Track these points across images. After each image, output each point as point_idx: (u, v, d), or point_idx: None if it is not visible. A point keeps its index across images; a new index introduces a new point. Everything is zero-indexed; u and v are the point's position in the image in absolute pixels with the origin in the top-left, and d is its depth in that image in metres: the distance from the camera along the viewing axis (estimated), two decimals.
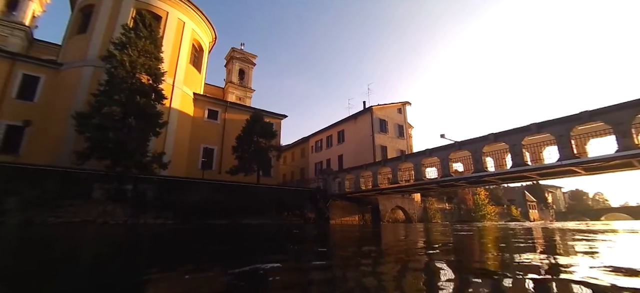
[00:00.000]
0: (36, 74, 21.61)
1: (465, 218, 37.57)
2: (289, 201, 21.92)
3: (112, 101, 17.38)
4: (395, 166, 18.75)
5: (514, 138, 13.64)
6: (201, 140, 26.17)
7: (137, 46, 18.54)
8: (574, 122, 12.09)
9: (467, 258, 5.50)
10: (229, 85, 40.68)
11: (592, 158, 11.76)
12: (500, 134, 14.15)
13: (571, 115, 12.17)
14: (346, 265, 4.46)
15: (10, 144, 19.74)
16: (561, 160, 12.21)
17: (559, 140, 12.41)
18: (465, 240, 8.88)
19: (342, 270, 3.96)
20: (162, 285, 3.12)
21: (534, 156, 14.25)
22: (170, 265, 4.36)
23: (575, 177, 14.40)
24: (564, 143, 12.20)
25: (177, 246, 7.56)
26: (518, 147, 13.49)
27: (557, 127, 12.47)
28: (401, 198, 27.47)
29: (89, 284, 3.05)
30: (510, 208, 50.15)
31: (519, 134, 13.51)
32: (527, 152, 14.58)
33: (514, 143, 13.64)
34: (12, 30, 29.66)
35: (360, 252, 6.20)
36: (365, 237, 10.32)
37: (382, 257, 5.46)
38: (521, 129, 13.48)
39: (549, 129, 12.71)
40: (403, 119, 29.98)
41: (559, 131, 12.39)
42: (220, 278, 3.37)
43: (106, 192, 16.13)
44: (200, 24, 28.10)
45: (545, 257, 4.86)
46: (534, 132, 13.11)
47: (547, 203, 62.27)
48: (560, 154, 12.34)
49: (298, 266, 4.46)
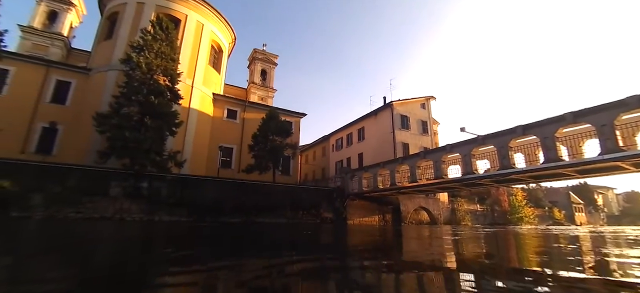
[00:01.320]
0: (68, 79, 23.04)
1: (500, 221, 34.75)
2: (304, 200, 21.41)
3: (130, 102, 17.97)
4: (413, 164, 17.51)
5: (546, 130, 12.01)
6: (220, 139, 26.46)
7: (153, 48, 19.03)
8: (618, 109, 10.33)
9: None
10: (251, 85, 41.14)
11: None
12: (530, 125, 12.54)
13: (615, 102, 10.41)
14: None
15: (45, 145, 21.18)
16: (603, 154, 10.49)
17: (600, 131, 10.68)
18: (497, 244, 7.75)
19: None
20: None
21: (572, 150, 12.47)
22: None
23: (624, 174, 12.41)
24: (607, 134, 10.47)
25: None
26: (550, 140, 11.84)
27: (597, 115, 10.74)
28: (425, 199, 25.90)
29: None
30: (553, 210, 45.81)
31: (552, 125, 11.86)
32: (562, 145, 12.83)
33: (545, 135, 12.01)
34: (52, 40, 32.04)
35: (370, 265, 4.89)
36: (380, 243, 9.13)
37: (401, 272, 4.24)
38: (554, 120, 11.82)
39: (588, 118, 11.00)
40: (427, 115, 28.30)
41: (601, 120, 10.65)
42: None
43: (123, 190, 16.61)
44: (219, 25, 28.51)
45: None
46: (569, 123, 11.43)
47: (596, 205, 56.26)
48: (601, 147, 10.61)
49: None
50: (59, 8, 33.39)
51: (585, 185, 57.10)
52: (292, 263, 4.76)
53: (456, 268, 4.50)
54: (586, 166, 11.49)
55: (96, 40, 25.64)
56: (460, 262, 5.06)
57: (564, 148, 12.90)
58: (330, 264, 4.91)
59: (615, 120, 10.42)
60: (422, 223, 26.29)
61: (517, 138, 13.01)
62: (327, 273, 3.98)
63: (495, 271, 4.20)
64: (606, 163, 10.90)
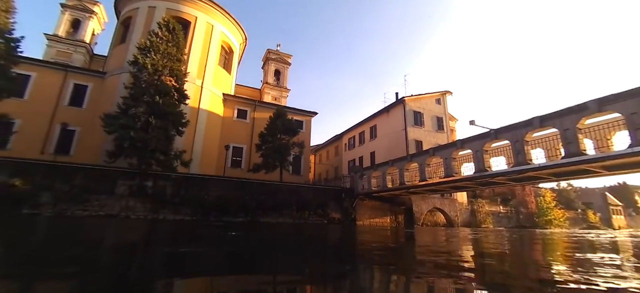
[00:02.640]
0: (85, 83, 23.93)
1: (526, 223, 32.41)
2: (311, 200, 20.84)
3: (137, 102, 18.26)
4: (423, 161, 16.47)
5: (567, 121, 10.71)
6: (230, 139, 26.52)
7: (159, 50, 19.27)
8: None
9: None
10: (265, 86, 41.24)
11: None
12: (548, 116, 11.26)
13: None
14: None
15: (63, 145, 22.07)
16: (633, 145, 9.15)
17: (629, 120, 9.33)
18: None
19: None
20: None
21: (599, 144, 11.08)
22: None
23: None
24: (638, 123, 9.12)
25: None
26: (572, 132, 10.55)
27: (626, 103, 9.39)
28: (440, 199, 24.55)
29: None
30: (587, 213, 42.26)
31: (573, 115, 10.55)
32: (587, 138, 11.45)
33: (566, 127, 10.72)
34: (75, 47, 33.60)
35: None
36: (381, 250, 8.16)
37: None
38: (576, 109, 10.51)
39: (615, 106, 9.65)
40: (443, 110, 26.84)
41: (630, 108, 9.31)
42: None
43: (128, 188, 16.82)
44: (229, 26, 28.65)
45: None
46: (593, 112, 10.11)
47: (637, 207, 51.42)
48: (631, 139, 9.26)
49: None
50: (82, 16, 34.99)
51: (624, 185, 52.35)
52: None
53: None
54: (614, 161, 10.11)
55: (112, 44, 26.52)
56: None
57: (589, 141, 11.52)
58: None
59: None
60: (438, 225, 24.94)
61: (533, 131, 11.77)
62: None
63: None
64: (638, 157, 9.51)
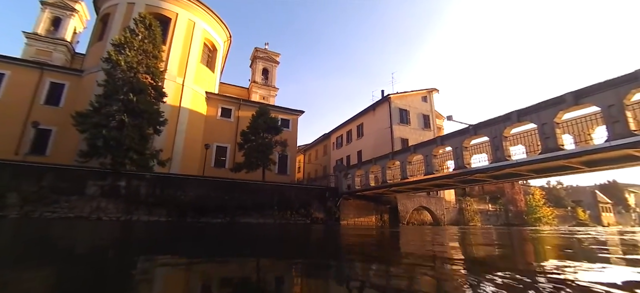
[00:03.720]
0: (62, 81, 23.24)
1: (515, 221, 32.21)
2: (294, 199, 20.36)
3: (110, 100, 17.64)
4: (404, 159, 16.07)
5: (544, 115, 10.34)
6: (214, 138, 25.96)
7: (134, 46, 18.66)
8: (629, 86, 8.60)
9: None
10: (252, 85, 40.68)
11: None
12: (526, 110, 10.89)
13: (624, 76, 8.69)
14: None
15: (39, 146, 21.38)
16: (610, 140, 8.79)
17: (606, 113, 8.98)
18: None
19: None
20: None
21: (579, 138, 10.74)
22: None
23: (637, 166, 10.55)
24: (616, 116, 8.77)
25: None
26: (549, 126, 10.19)
27: (603, 94, 9.04)
28: (426, 197, 24.18)
29: None
30: (576, 210, 42.29)
31: (550, 109, 10.19)
32: (568, 134, 11.13)
33: (543, 121, 10.35)
34: (55, 46, 32.74)
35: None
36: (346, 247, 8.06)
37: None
38: (552, 102, 10.15)
39: (593, 99, 9.29)
40: (429, 108, 26.49)
41: (607, 100, 8.96)
42: None
43: (100, 189, 16.19)
44: (212, 24, 28.06)
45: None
46: (570, 105, 9.74)
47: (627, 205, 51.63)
48: (608, 133, 8.91)
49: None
50: (63, 14, 34.13)
51: (614, 183, 52.53)
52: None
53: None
54: (592, 156, 9.75)
55: (90, 42, 25.82)
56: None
57: (569, 137, 11.20)
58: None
59: (625, 98, 8.70)
60: (425, 223, 24.58)
61: (512, 126, 11.39)
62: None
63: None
64: (616, 152, 9.16)
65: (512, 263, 5.17)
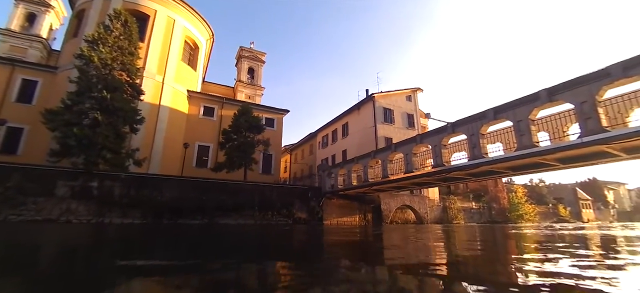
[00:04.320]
0: (34, 78, 22.35)
1: (498, 219, 32.63)
2: (275, 199, 20.01)
3: (82, 98, 16.96)
4: (385, 158, 15.93)
5: (519, 112, 10.32)
6: (196, 137, 25.37)
7: (108, 42, 18.00)
8: (601, 82, 8.61)
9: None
10: (238, 84, 40.10)
11: (630, 131, 8.21)
12: (502, 107, 10.85)
13: (596, 72, 8.70)
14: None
15: (10, 145, 20.49)
16: (582, 136, 8.79)
17: (579, 110, 8.99)
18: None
19: None
20: None
21: (554, 136, 10.77)
22: None
23: (615, 161, 10.63)
24: (588, 112, 8.77)
25: None
26: (524, 123, 10.16)
27: (576, 91, 9.04)
28: (409, 196, 24.17)
29: None
30: (557, 207, 43.20)
31: (525, 106, 10.16)
32: (544, 131, 11.15)
33: (519, 119, 10.32)
34: (30, 42, 31.51)
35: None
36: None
37: None
38: (527, 99, 10.12)
39: (565, 95, 9.29)
40: (413, 107, 26.51)
41: (579, 97, 8.96)
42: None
43: (70, 190, 15.52)
44: (193, 21, 27.45)
45: None
46: (544, 102, 9.72)
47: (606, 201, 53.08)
48: (581, 129, 8.91)
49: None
50: (37, 10, 32.91)
51: (594, 180, 54.06)
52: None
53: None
54: (566, 153, 9.77)
55: (65, 38, 24.89)
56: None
57: (545, 134, 11.23)
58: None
59: (598, 95, 8.71)
60: (408, 222, 24.57)
61: (489, 124, 11.34)
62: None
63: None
64: (589, 148, 9.18)
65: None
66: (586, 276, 3.22)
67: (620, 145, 9.09)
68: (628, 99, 9.17)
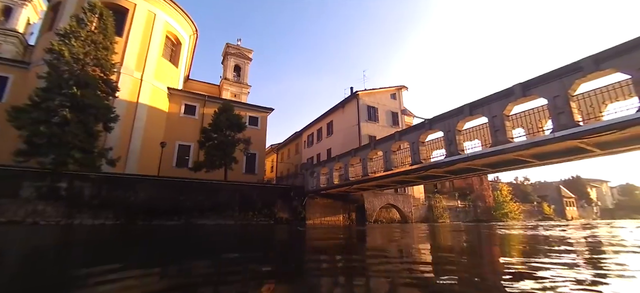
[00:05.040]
0: (4, 74, 21.49)
1: (483, 217, 32.75)
2: (256, 199, 19.56)
3: (51, 94, 16.23)
4: (365, 155, 15.67)
5: (495, 108, 10.14)
6: (177, 137, 24.73)
7: (80, 36, 17.31)
8: (573, 76, 8.47)
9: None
10: (224, 81, 39.39)
11: (601, 125, 8.08)
12: (478, 103, 10.67)
13: (568, 66, 8.56)
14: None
15: None
16: (554, 131, 8.64)
17: (552, 104, 8.83)
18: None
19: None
20: None
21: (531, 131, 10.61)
22: None
23: (590, 157, 10.54)
24: (561, 107, 8.62)
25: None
26: (499, 119, 9.99)
27: (548, 85, 8.89)
28: (393, 195, 23.99)
29: None
30: (542, 205, 43.71)
31: (500, 101, 10.00)
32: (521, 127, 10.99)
33: (494, 114, 10.15)
34: (5, 37, 30.32)
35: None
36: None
37: None
38: (503, 94, 9.96)
39: (537, 90, 9.14)
40: (398, 106, 26.34)
41: (552, 91, 8.81)
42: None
43: (36, 191, 14.81)
44: (175, 16, 26.77)
45: None
46: (518, 97, 9.56)
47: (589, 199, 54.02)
48: (554, 124, 8.75)
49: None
50: (13, 3, 31.75)
51: (577, 178, 55.04)
52: None
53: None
54: (541, 149, 9.62)
55: (40, 32, 24.03)
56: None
57: (521, 130, 11.08)
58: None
59: (570, 89, 8.56)
60: (394, 221, 24.40)
61: (465, 120, 11.15)
62: None
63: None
64: (562, 144, 9.04)
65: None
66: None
67: (593, 140, 8.98)
68: (600, 93, 9.04)
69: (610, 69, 7.98)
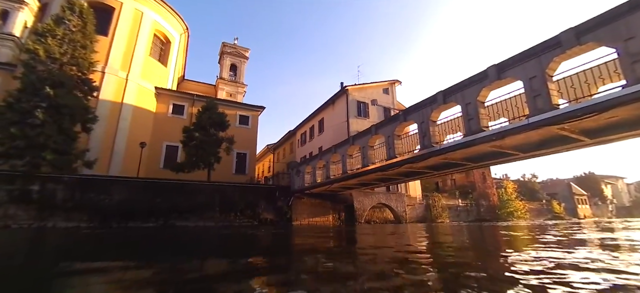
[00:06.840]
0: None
1: (487, 217, 31.19)
2: (239, 200, 18.92)
3: (26, 95, 15.99)
4: (344, 152, 14.78)
5: (468, 94, 9.11)
6: (164, 137, 24.35)
7: (57, 34, 17.06)
8: (551, 53, 7.41)
9: None
10: (219, 81, 39.04)
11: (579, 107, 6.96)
12: (451, 89, 9.63)
13: (546, 42, 7.49)
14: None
15: None
16: (530, 116, 7.59)
17: (528, 87, 7.78)
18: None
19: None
20: None
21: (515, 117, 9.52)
22: None
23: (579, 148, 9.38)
24: (537, 89, 7.57)
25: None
26: (473, 106, 8.96)
27: (524, 65, 7.84)
28: (385, 194, 22.91)
29: None
30: (551, 203, 41.53)
31: (474, 86, 8.96)
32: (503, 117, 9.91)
33: (467, 101, 9.12)
34: (2, 41, 30.61)
35: None
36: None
37: None
38: (477, 78, 8.92)
39: (513, 71, 8.08)
40: (391, 101, 25.24)
41: (529, 72, 7.76)
42: None
43: (7, 194, 14.53)
44: (164, 14, 26.48)
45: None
46: (493, 80, 8.52)
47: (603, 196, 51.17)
48: (531, 108, 7.70)
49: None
50: (10, 7, 31.90)
51: (590, 174, 52.18)
52: None
53: None
54: (519, 138, 8.57)
55: (29, 34, 24.06)
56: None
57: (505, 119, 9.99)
58: None
59: (548, 68, 7.50)
60: (387, 221, 23.33)
61: (439, 109, 10.14)
62: None
63: None
64: (542, 131, 8.00)
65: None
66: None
67: (578, 127, 7.88)
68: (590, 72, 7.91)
69: (592, 42, 6.89)
